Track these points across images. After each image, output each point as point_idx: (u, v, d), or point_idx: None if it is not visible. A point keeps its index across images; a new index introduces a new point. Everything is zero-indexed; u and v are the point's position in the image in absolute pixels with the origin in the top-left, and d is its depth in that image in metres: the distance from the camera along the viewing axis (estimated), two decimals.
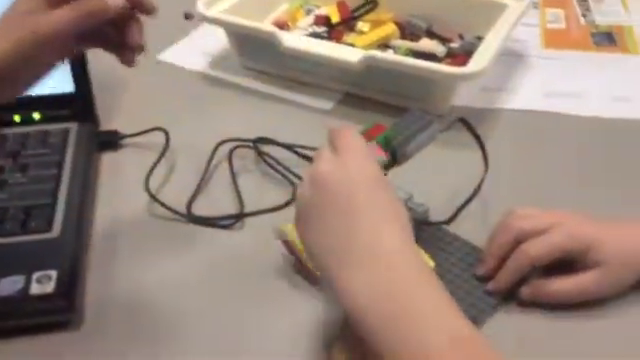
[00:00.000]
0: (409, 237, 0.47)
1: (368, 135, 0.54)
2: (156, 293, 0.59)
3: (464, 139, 0.61)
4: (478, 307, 0.56)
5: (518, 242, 0.57)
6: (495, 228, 0.59)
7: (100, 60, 0.76)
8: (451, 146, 0.69)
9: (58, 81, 0.73)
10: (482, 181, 0.59)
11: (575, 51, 0.92)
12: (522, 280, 0.57)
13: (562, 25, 0.98)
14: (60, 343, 0.55)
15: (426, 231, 0.62)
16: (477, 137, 0.60)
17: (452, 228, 0.62)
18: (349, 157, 0.48)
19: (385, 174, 0.54)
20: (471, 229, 0.63)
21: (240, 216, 0.66)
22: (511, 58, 0.90)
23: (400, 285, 0.43)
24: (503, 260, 0.57)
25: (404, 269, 0.44)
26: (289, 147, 0.74)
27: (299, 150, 0.73)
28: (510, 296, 0.57)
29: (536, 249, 0.56)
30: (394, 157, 0.55)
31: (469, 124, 0.59)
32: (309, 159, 0.72)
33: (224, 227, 0.66)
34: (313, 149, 0.72)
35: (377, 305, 0.43)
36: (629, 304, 0.57)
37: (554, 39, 0.95)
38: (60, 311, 0.55)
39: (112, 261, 0.62)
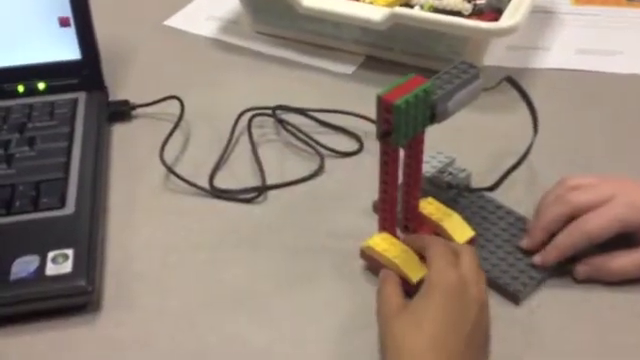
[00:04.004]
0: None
1: (405, 87, 0.48)
2: (178, 269, 0.56)
3: (506, 100, 0.57)
4: (521, 281, 0.52)
5: (573, 216, 0.51)
6: (544, 198, 0.55)
7: (105, 26, 0.71)
8: (494, 108, 0.65)
9: (63, 48, 0.69)
10: (531, 145, 0.54)
11: (606, 7, 0.88)
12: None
13: None
14: (79, 325, 0.51)
15: (468, 198, 0.58)
16: (526, 97, 0.54)
17: (496, 195, 0.58)
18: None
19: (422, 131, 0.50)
20: (516, 197, 0.59)
21: (262, 189, 0.62)
22: (539, 15, 0.86)
23: None
24: (553, 234, 0.52)
25: None
26: (310, 114, 0.70)
27: (320, 117, 0.69)
28: (558, 269, 0.53)
29: (595, 224, 0.50)
30: (433, 113, 0.49)
31: (517, 84, 0.54)
32: (331, 126, 0.69)
33: (246, 201, 0.62)
34: (335, 112, 0.68)
35: None
36: None
37: None
38: (79, 292, 0.51)
39: (130, 237, 0.58)
